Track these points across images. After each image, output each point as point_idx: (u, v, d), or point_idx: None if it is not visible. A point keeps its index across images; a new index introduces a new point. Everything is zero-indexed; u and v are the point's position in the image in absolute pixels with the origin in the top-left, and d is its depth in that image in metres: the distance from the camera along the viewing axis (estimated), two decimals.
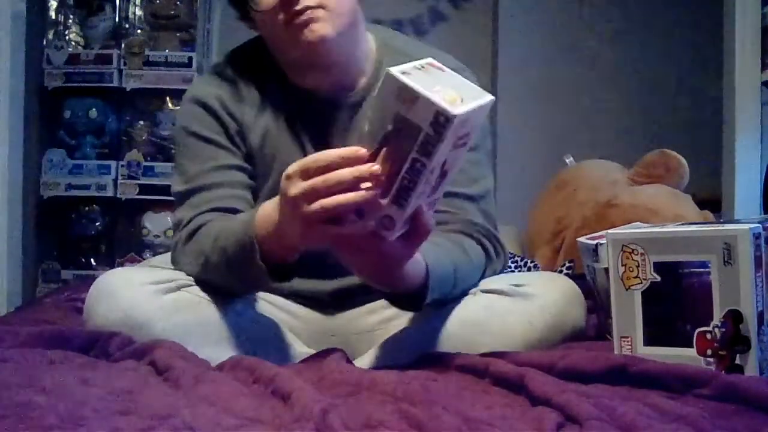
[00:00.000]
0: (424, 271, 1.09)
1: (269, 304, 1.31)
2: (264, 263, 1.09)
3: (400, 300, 1.14)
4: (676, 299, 1.03)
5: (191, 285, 1.20)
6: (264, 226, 1.08)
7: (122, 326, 1.14)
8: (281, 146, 1.29)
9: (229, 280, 1.17)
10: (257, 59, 1.34)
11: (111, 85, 2.86)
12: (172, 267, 1.26)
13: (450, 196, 1.26)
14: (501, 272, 1.30)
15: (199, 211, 1.23)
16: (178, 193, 1.28)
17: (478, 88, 0.97)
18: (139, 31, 2.98)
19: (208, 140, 1.29)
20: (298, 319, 1.32)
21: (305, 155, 1.28)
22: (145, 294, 1.16)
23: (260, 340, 1.21)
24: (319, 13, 1.19)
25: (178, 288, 1.18)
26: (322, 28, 1.20)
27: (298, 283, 1.31)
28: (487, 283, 1.23)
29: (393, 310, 1.30)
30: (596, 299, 1.36)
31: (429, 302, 1.13)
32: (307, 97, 1.30)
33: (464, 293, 1.22)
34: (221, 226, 1.17)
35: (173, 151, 2.82)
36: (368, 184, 0.92)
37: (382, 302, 1.32)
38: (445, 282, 1.15)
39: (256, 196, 1.29)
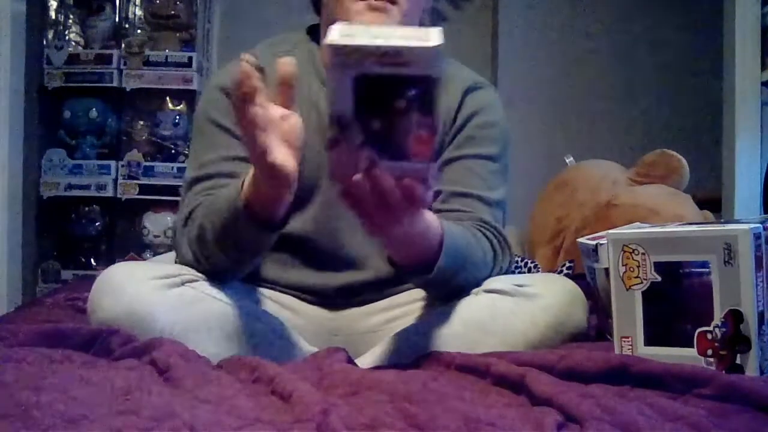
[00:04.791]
0: (439, 235, 1.10)
1: (273, 302, 1.31)
2: (253, 220, 1.09)
3: (411, 266, 1.14)
4: (676, 299, 1.03)
5: (196, 281, 1.20)
6: (249, 180, 1.08)
7: (125, 320, 1.14)
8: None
9: (222, 244, 1.17)
10: (290, 51, 1.35)
11: (111, 85, 2.87)
12: (175, 263, 1.26)
13: (464, 196, 1.28)
14: (507, 272, 1.30)
15: (203, 197, 1.24)
16: (189, 179, 1.30)
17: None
18: (139, 31, 2.98)
19: (224, 129, 1.30)
20: (302, 317, 1.32)
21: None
22: (149, 288, 1.16)
23: (263, 338, 1.21)
24: (389, 6, 1.23)
25: (183, 283, 1.19)
26: (381, 19, 1.23)
27: (306, 277, 1.32)
28: (489, 283, 1.23)
29: (396, 311, 1.31)
30: (596, 299, 1.36)
31: (438, 273, 1.12)
32: None
33: (470, 286, 1.22)
34: (215, 195, 1.19)
35: (174, 148, 2.87)
36: None
37: (386, 303, 1.33)
38: (458, 253, 1.15)
39: None
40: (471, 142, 1.32)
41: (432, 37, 0.91)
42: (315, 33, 1.38)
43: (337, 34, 0.90)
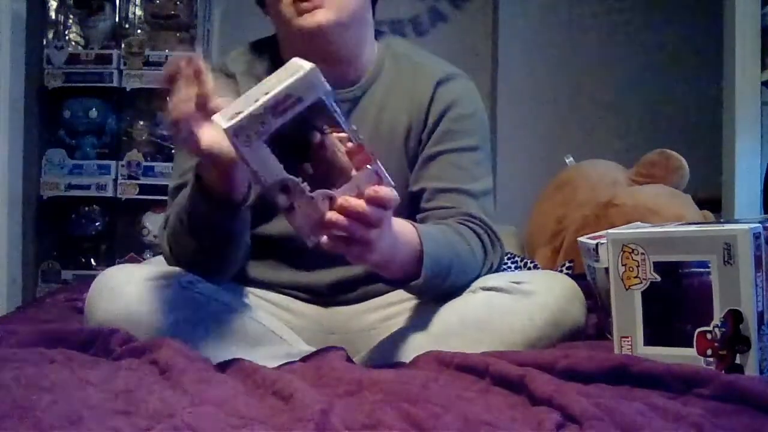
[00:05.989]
0: (418, 245, 1.11)
1: (269, 303, 1.32)
2: (209, 199, 1.11)
3: (400, 280, 1.16)
4: (676, 299, 1.03)
5: (192, 282, 1.20)
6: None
7: (123, 322, 1.14)
8: None
9: (190, 231, 1.18)
10: (258, 57, 1.36)
11: (111, 85, 2.86)
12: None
13: (450, 191, 1.28)
14: (498, 267, 1.30)
15: None
16: (171, 189, 1.31)
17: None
18: (139, 31, 2.98)
19: None
20: (298, 316, 1.32)
21: None
22: (146, 290, 1.17)
23: (261, 338, 1.21)
24: (317, 1, 1.22)
25: (179, 284, 1.19)
26: (321, 15, 1.23)
27: (298, 276, 1.32)
28: (486, 280, 1.23)
29: (393, 309, 1.31)
30: (596, 299, 1.36)
31: (425, 282, 1.13)
32: None
33: (461, 285, 1.22)
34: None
35: (174, 147, 2.86)
36: None
37: (382, 300, 1.33)
38: (442, 258, 1.16)
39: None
40: (449, 136, 1.32)
41: (302, 65, 0.93)
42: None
43: (224, 120, 0.92)
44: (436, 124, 1.32)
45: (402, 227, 1.10)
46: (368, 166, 0.95)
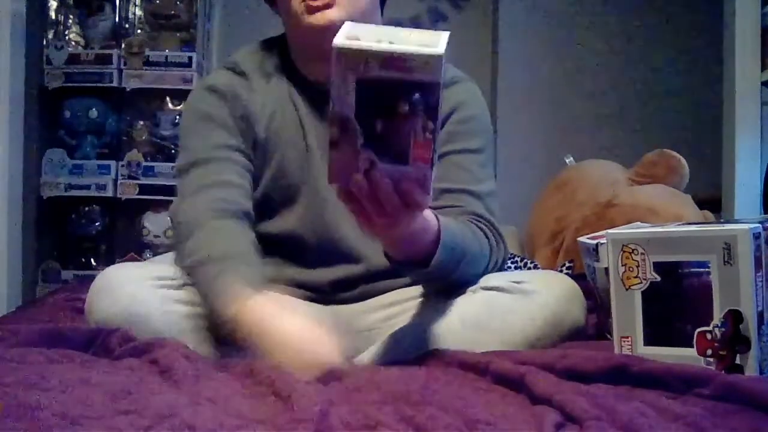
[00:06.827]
0: (436, 231, 1.09)
1: None
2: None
3: (409, 262, 1.14)
4: (676, 299, 1.03)
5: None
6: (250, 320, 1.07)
7: (123, 321, 1.15)
8: (284, 136, 1.33)
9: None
10: (268, 56, 1.37)
11: (111, 85, 2.86)
12: (173, 264, 1.26)
13: (456, 192, 1.28)
14: (502, 267, 1.30)
15: (202, 184, 1.24)
16: (182, 166, 1.29)
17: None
18: (139, 31, 2.98)
19: (214, 120, 1.31)
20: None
21: (306, 146, 1.30)
22: (146, 289, 1.17)
23: None
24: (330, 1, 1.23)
25: (180, 284, 1.19)
26: (333, 13, 1.23)
27: (300, 274, 1.32)
28: (486, 280, 1.23)
29: (394, 309, 1.31)
30: (596, 299, 1.36)
31: (435, 268, 1.12)
32: (315, 90, 1.31)
33: (468, 279, 1.22)
34: (218, 271, 1.14)
35: (174, 148, 2.87)
36: None
37: (383, 300, 1.33)
38: (456, 248, 1.14)
39: (257, 183, 1.32)
40: (454, 137, 1.32)
41: (439, 42, 0.89)
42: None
43: (342, 36, 0.89)
44: (441, 125, 1.32)
45: (427, 213, 1.09)
46: (423, 167, 0.93)
